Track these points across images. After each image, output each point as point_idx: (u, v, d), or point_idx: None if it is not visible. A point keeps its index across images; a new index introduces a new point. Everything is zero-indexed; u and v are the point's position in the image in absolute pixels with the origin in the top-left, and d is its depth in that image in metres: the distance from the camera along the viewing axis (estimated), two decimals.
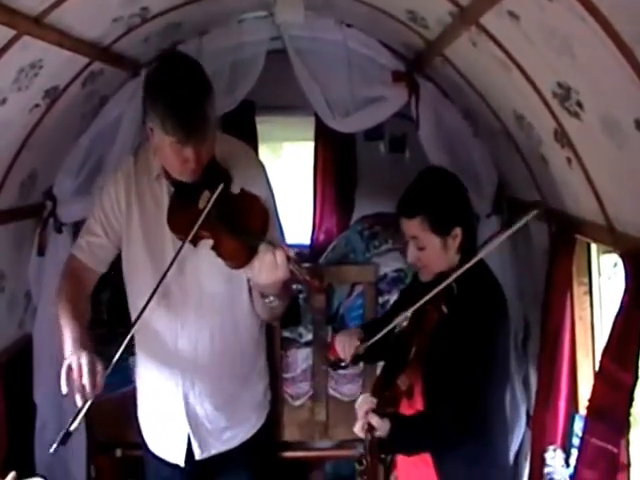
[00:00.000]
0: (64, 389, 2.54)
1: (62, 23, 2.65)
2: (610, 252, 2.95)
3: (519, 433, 3.65)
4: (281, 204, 3.03)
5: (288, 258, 2.45)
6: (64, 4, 2.51)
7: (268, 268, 2.47)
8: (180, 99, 2.52)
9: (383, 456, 2.58)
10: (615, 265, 3.11)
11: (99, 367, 2.55)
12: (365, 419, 2.51)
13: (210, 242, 2.64)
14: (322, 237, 5.85)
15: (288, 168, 7.34)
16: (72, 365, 2.52)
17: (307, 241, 6.06)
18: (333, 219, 5.92)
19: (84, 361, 2.52)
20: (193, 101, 2.54)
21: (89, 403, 2.53)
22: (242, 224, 2.59)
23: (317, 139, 5.88)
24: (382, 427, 2.49)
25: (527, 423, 3.61)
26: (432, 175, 2.84)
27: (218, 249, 2.63)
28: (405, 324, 2.72)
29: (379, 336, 2.74)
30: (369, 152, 5.79)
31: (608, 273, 3.22)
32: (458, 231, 2.63)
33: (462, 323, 2.52)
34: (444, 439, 2.56)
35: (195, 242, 2.70)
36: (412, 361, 2.58)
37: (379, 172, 5.68)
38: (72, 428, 2.56)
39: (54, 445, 2.55)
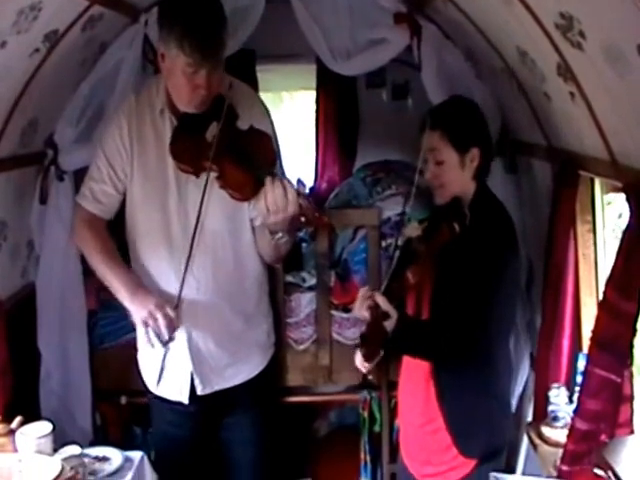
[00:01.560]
0: (147, 343, 2.77)
1: None
2: (614, 192, 2.94)
3: (523, 376, 3.67)
4: (284, 153, 3.05)
5: (298, 193, 2.47)
6: None
7: (279, 205, 2.49)
8: (200, 20, 2.60)
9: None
10: (620, 216, 3.11)
11: (169, 310, 2.72)
12: (370, 299, 2.54)
13: (214, 173, 2.65)
14: (324, 186, 5.82)
15: (288, 118, 7.30)
16: (147, 321, 2.70)
17: (309, 190, 5.99)
18: (335, 168, 5.88)
19: (157, 313, 2.69)
20: (212, 24, 2.63)
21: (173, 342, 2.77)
22: (250, 158, 2.61)
23: (319, 87, 5.82)
24: (389, 307, 2.53)
25: (531, 366, 3.61)
26: (458, 98, 2.99)
27: (223, 179, 2.64)
28: (415, 235, 2.75)
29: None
30: (371, 100, 5.74)
31: (612, 225, 3.23)
32: (476, 152, 2.72)
33: (474, 244, 2.60)
34: (446, 348, 2.61)
35: (198, 173, 2.72)
36: (421, 258, 2.62)
37: (381, 120, 5.64)
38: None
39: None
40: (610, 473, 2.13)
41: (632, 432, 2.46)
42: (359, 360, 2.78)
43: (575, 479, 1.91)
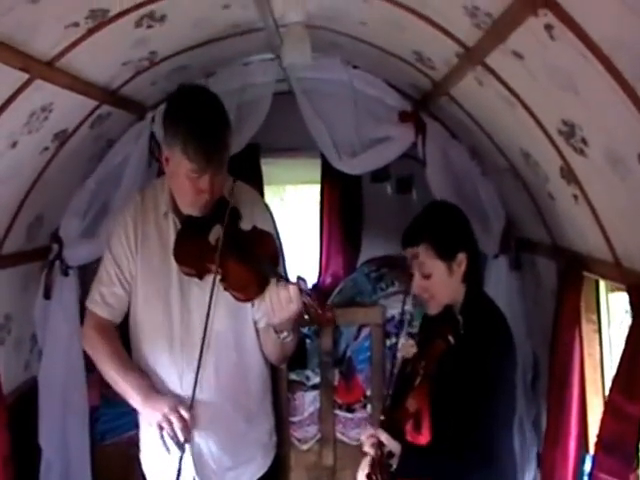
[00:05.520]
0: (163, 447, 2.67)
1: (73, 67, 2.69)
2: (618, 291, 2.94)
3: (530, 475, 3.61)
4: (287, 248, 3.06)
5: (301, 291, 2.47)
6: (76, 48, 2.55)
7: (283, 304, 2.49)
8: (204, 126, 2.58)
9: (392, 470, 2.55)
10: (627, 312, 3.10)
11: (184, 412, 2.67)
12: (374, 437, 2.51)
13: (218, 276, 2.65)
14: (329, 280, 5.77)
15: (292, 212, 7.34)
16: (162, 424, 2.64)
17: (312, 286, 5.97)
18: (339, 262, 5.84)
19: (172, 417, 2.64)
20: (216, 129, 2.61)
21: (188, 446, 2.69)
22: (253, 259, 2.61)
23: (323, 181, 5.82)
24: (392, 444, 2.50)
25: (538, 465, 3.55)
26: (434, 205, 2.95)
27: (227, 281, 2.64)
28: (411, 355, 2.72)
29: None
30: (376, 194, 5.73)
31: (620, 318, 3.21)
32: (463, 257, 2.66)
33: (468, 353, 2.53)
34: (452, 469, 2.55)
35: (202, 276, 2.72)
36: (419, 385, 2.59)
37: (386, 214, 5.60)
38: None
39: None
40: None
41: None
42: None
43: None
